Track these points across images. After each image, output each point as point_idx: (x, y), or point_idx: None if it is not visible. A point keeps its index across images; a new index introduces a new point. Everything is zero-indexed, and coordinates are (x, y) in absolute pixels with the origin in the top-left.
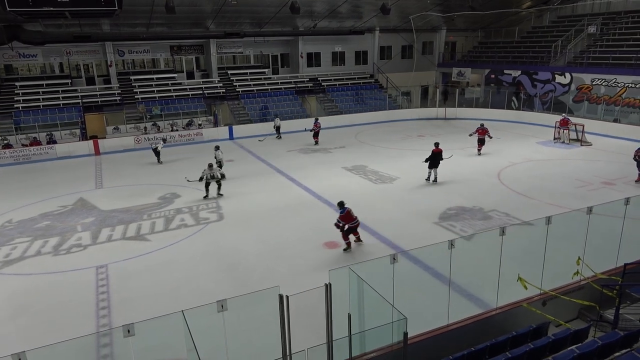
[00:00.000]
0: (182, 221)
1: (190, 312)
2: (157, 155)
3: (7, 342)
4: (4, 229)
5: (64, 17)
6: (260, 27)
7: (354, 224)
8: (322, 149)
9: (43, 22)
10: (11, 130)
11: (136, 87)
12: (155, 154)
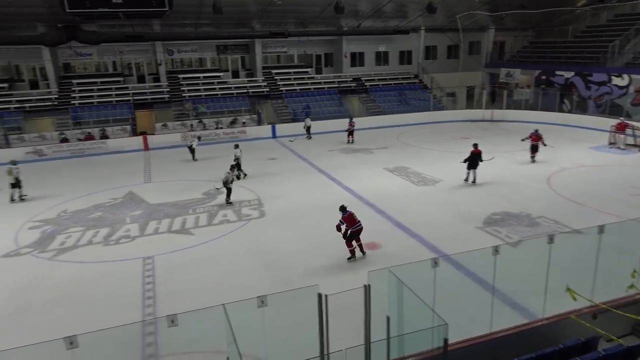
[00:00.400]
0: (224, 217)
1: (231, 306)
2: (192, 152)
3: (60, 325)
4: (60, 218)
5: (117, 18)
6: (304, 26)
7: (357, 227)
8: (363, 149)
9: (98, 22)
10: (68, 125)
11: (184, 86)
12: (190, 151)
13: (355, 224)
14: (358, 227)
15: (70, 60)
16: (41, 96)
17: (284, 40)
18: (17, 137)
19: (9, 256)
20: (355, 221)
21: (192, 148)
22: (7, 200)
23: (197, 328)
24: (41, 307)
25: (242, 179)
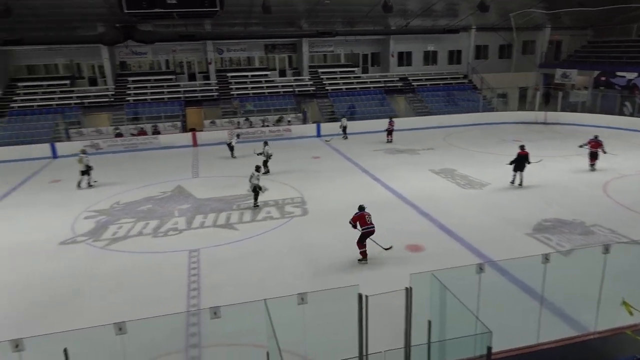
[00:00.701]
0: (268, 213)
1: (272, 302)
2: (231, 150)
3: (111, 311)
4: (113, 209)
5: (171, 18)
6: (351, 26)
7: (367, 229)
8: (408, 149)
9: (154, 22)
10: (123, 121)
11: (232, 84)
12: (230, 148)
13: (366, 225)
14: (369, 229)
15: (127, 59)
16: (99, 92)
17: (331, 39)
18: (76, 131)
19: (66, 243)
20: (366, 222)
21: (232, 145)
22: (69, 190)
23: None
24: (93, 293)
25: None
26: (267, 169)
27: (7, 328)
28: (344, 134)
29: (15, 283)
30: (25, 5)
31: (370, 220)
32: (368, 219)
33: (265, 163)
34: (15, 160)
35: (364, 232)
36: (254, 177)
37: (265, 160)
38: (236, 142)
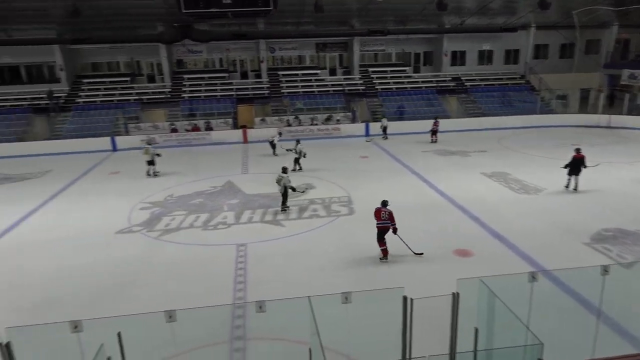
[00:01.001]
0: (314, 212)
1: (316, 300)
2: (273, 147)
3: (162, 299)
4: (167, 202)
5: (226, 17)
6: (404, 24)
7: (380, 224)
8: (459, 151)
9: (209, 22)
10: (178, 117)
11: (283, 82)
12: (272, 146)
13: (379, 221)
14: (380, 224)
15: (183, 57)
16: (157, 89)
17: (383, 38)
18: (134, 126)
19: (122, 233)
20: (380, 218)
21: (273, 143)
22: (127, 181)
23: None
24: (146, 281)
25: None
26: (299, 166)
27: (67, 310)
28: (384, 134)
29: (77, 268)
30: (92, 7)
31: (385, 217)
32: (383, 214)
33: (297, 161)
34: (79, 152)
35: (377, 227)
36: (284, 179)
37: (297, 158)
38: (278, 140)
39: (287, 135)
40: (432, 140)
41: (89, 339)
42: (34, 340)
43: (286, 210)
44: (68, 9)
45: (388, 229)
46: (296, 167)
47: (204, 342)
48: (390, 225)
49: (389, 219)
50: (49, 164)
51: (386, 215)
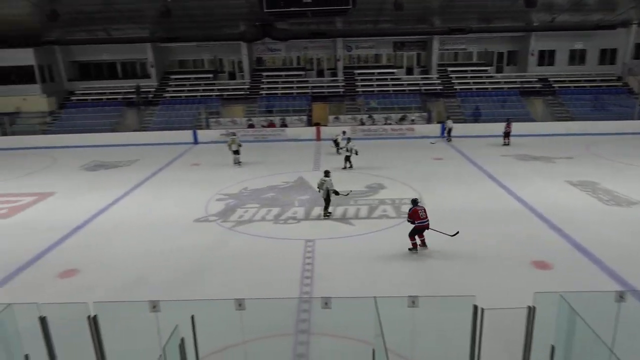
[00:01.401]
0: (384, 212)
1: (383, 300)
2: (336, 146)
3: (232, 287)
4: (241, 194)
5: (305, 16)
6: (488, 22)
7: (423, 223)
8: (542, 157)
9: (289, 21)
10: (255, 113)
11: (358, 81)
12: (335, 144)
13: (420, 220)
14: (423, 223)
15: (262, 55)
16: (237, 86)
17: (464, 36)
18: (214, 121)
19: (199, 221)
20: (420, 217)
21: (337, 142)
22: (206, 173)
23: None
24: (219, 269)
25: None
26: (350, 164)
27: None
28: (449, 137)
29: (158, 252)
30: (182, 7)
31: (425, 215)
32: (422, 213)
33: (347, 158)
34: (164, 144)
35: (418, 227)
36: (326, 183)
37: (348, 156)
38: (342, 139)
39: (360, 134)
40: (505, 143)
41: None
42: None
43: (329, 216)
44: (160, 10)
45: (428, 227)
46: (347, 164)
47: (269, 332)
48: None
49: (426, 216)
50: (137, 153)
51: (424, 214)
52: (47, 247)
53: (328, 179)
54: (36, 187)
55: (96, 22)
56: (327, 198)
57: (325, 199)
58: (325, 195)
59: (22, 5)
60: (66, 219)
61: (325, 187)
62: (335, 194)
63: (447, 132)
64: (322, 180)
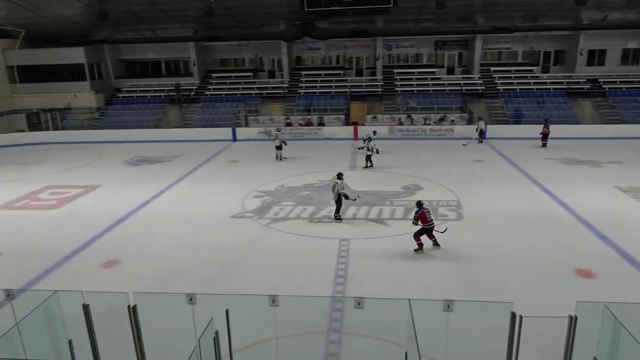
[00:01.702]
0: None
1: (417, 303)
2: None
3: (266, 283)
4: (278, 192)
5: (346, 15)
6: (534, 20)
7: (429, 225)
8: (589, 161)
9: (329, 20)
10: (293, 111)
11: (397, 80)
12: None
13: (427, 222)
14: (430, 225)
15: (302, 54)
16: (275, 84)
17: (508, 35)
18: (253, 119)
19: (236, 217)
20: (427, 219)
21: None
22: (243, 170)
23: (380, 316)
24: (254, 265)
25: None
26: (370, 163)
27: (185, 283)
28: (480, 138)
29: (196, 246)
30: (224, 7)
31: (431, 217)
32: (429, 215)
33: (369, 158)
34: (204, 140)
35: (425, 229)
36: (338, 186)
37: (369, 155)
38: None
39: (398, 134)
40: (543, 144)
41: (200, 311)
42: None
43: (340, 220)
44: (204, 10)
45: (434, 228)
46: (368, 163)
47: (301, 329)
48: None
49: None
50: (179, 149)
51: (430, 215)
52: (92, 237)
53: (340, 182)
54: (83, 180)
55: (143, 21)
56: (338, 200)
57: (337, 201)
58: (336, 197)
59: (75, 6)
60: (110, 212)
61: (336, 190)
62: (345, 197)
63: (479, 133)
64: (335, 182)
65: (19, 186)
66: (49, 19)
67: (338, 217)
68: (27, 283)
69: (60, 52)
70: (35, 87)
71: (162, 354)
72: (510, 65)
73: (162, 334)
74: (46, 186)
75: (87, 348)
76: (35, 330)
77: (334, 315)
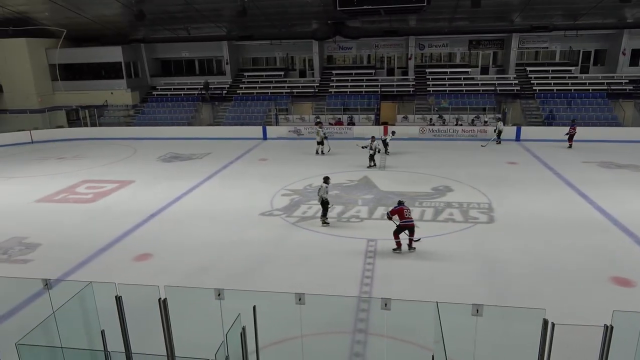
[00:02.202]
0: (450, 215)
1: (445, 306)
2: (385, 146)
3: (293, 281)
4: (305, 191)
5: (378, 14)
6: (574, 19)
7: (407, 222)
8: (630, 165)
9: (361, 19)
10: (323, 111)
11: (430, 80)
12: (384, 145)
13: (404, 219)
14: (407, 222)
15: (333, 53)
16: (306, 83)
17: (546, 34)
18: (283, 117)
19: (265, 215)
20: (404, 216)
21: (386, 142)
22: (272, 168)
23: (407, 317)
24: (281, 262)
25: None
26: (374, 162)
27: (214, 278)
28: (498, 139)
29: (225, 242)
30: (258, 7)
31: (409, 215)
32: (407, 213)
33: (372, 157)
34: (235, 139)
35: (402, 225)
36: (322, 190)
37: (372, 155)
38: (390, 140)
39: (429, 135)
40: (569, 146)
41: (228, 307)
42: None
43: (327, 224)
44: (237, 9)
45: (413, 226)
46: (371, 163)
47: (327, 328)
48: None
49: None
50: (210, 147)
51: (409, 214)
52: (125, 231)
53: (323, 186)
54: (118, 175)
55: (178, 21)
56: (322, 204)
57: (322, 204)
58: (320, 201)
59: (115, 7)
60: (143, 206)
61: (320, 194)
62: (327, 202)
63: (497, 134)
64: (320, 186)
65: (58, 180)
66: (89, 19)
67: (325, 220)
68: (64, 274)
69: (99, 51)
70: (74, 85)
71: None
72: (547, 65)
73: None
74: (83, 180)
75: (118, 338)
76: (70, 319)
77: (359, 315)
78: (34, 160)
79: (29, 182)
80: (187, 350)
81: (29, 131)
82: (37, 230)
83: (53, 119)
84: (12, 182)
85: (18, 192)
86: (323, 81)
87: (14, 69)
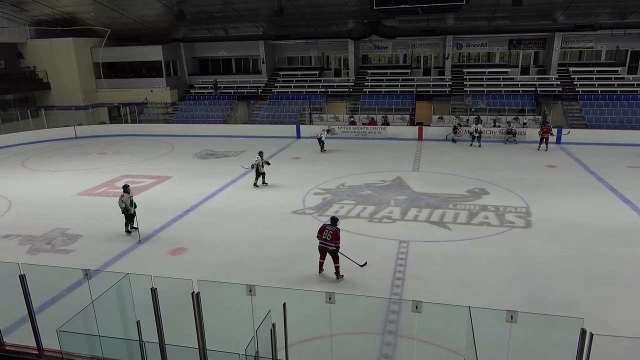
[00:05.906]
0: (485, 219)
1: (477, 311)
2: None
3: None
4: (338, 190)
5: (415, 13)
6: (622, 17)
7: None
8: None
9: (398, 18)
10: (357, 110)
11: (467, 80)
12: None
13: (319, 240)
14: (322, 244)
15: (368, 53)
16: (341, 83)
17: (592, 33)
18: (317, 116)
19: (297, 213)
20: (320, 236)
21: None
22: (305, 167)
23: (438, 321)
24: (311, 261)
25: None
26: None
27: (244, 274)
28: (478, 142)
29: (258, 239)
30: (294, 6)
31: (328, 237)
32: (326, 234)
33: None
34: (269, 137)
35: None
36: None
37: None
38: (326, 138)
39: (465, 136)
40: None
41: (259, 303)
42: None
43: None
44: (274, 9)
45: (327, 250)
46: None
47: (357, 328)
48: (329, 247)
49: (332, 239)
50: (245, 144)
51: (329, 235)
52: (162, 226)
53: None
54: (156, 171)
55: (216, 21)
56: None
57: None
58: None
59: (156, 7)
60: (179, 202)
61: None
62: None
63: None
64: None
65: (99, 174)
66: (132, 19)
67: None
68: (103, 265)
69: (140, 50)
70: (116, 83)
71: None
72: (592, 65)
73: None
74: (122, 175)
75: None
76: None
77: (389, 317)
78: (77, 155)
79: (72, 176)
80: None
81: (73, 127)
82: (79, 222)
83: (96, 115)
84: (56, 176)
85: (61, 185)
86: (358, 80)
87: (61, 67)
